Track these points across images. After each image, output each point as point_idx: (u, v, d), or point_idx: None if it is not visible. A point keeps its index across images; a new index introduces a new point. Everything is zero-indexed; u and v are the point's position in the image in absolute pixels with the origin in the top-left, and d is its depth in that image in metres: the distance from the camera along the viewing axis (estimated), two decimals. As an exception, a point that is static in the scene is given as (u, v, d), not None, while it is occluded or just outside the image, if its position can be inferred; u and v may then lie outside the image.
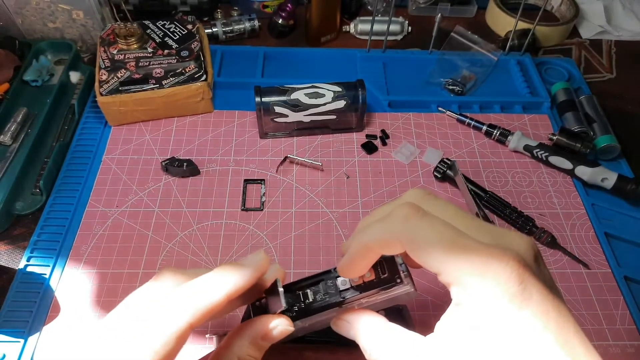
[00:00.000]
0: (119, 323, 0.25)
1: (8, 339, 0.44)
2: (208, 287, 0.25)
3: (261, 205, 0.55)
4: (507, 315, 0.21)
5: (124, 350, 0.24)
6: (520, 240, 0.24)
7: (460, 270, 0.22)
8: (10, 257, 0.50)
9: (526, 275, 0.22)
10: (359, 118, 0.60)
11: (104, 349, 0.24)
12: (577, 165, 0.56)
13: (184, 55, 0.60)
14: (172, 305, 0.25)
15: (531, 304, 0.21)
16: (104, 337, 0.25)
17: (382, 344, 0.26)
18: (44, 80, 0.66)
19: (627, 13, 0.84)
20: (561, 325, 0.21)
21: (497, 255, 0.22)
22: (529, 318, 0.21)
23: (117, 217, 0.53)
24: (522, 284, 0.21)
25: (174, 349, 0.24)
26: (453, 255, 0.23)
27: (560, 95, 0.66)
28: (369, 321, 0.28)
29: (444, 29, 0.74)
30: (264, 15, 0.78)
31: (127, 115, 0.60)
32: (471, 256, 0.22)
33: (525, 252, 0.23)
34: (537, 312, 0.21)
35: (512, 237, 0.24)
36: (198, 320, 0.24)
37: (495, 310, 0.21)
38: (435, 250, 0.23)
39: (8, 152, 0.58)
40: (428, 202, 0.26)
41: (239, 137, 0.61)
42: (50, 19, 0.68)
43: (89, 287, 0.47)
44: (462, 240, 0.23)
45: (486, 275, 0.22)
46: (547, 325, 0.21)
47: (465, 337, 0.22)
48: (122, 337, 0.24)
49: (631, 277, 0.50)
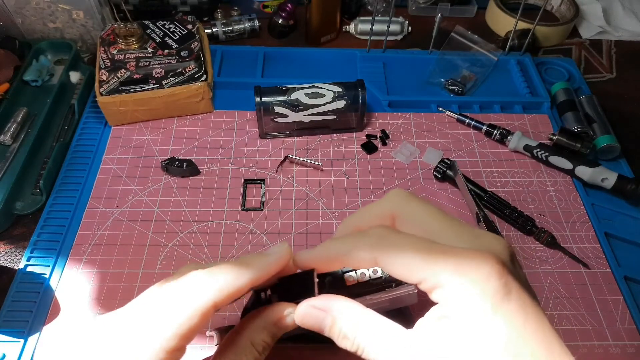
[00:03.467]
0: (147, 298, 0.27)
1: (8, 339, 0.44)
2: (234, 272, 0.26)
3: (261, 205, 0.55)
4: (491, 312, 0.21)
5: (149, 322, 0.25)
6: (496, 241, 0.25)
7: (441, 274, 0.23)
8: (10, 257, 0.50)
9: (505, 272, 0.22)
10: (359, 118, 0.60)
11: (129, 321, 0.26)
12: (577, 165, 0.56)
13: (184, 55, 0.60)
14: (199, 283, 0.26)
15: (511, 300, 0.22)
16: (131, 310, 0.26)
17: (368, 331, 0.25)
18: (44, 80, 0.66)
19: (627, 13, 0.84)
20: (538, 322, 0.22)
21: (476, 256, 0.23)
22: (511, 314, 0.21)
23: (117, 217, 0.53)
24: (502, 279, 0.22)
25: (197, 324, 0.25)
26: (431, 262, 0.23)
27: (560, 95, 0.66)
28: (348, 305, 0.26)
29: (444, 29, 0.74)
30: (264, 15, 0.78)
31: (127, 115, 0.60)
32: (449, 259, 0.23)
33: (502, 253, 0.24)
34: (517, 308, 0.22)
35: (489, 238, 0.25)
36: (222, 300, 0.25)
37: (479, 307, 0.22)
38: (413, 260, 0.24)
39: (8, 152, 0.58)
40: (408, 203, 0.27)
41: (239, 137, 0.61)
42: (50, 19, 0.68)
43: (89, 287, 0.47)
44: (438, 247, 0.24)
45: (467, 274, 0.22)
46: (526, 322, 0.21)
47: (449, 336, 0.22)
48: (148, 310, 0.26)
49: (631, 277, 0.50)
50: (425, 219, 0.26)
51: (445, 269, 0.22)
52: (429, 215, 0.27)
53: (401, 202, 0.28)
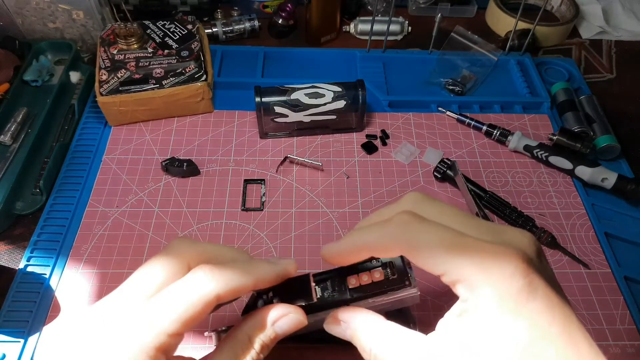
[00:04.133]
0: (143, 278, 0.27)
1: (8, 339, 0.44)
2: (240, 271, 0.27)
3: (261, 205, 0.55)
4: (514, 311, 0.21)
5: (149, 311, 0.25)
6: (522, 236, 0.24)
7: (465, 268, 0.22)
8: (10, 257, 0.50)
9: (530, 270, 0.22)
10: (359, 118, 0.60)
11: (128, 308, 0.26)
12: (577, 165, 0.56)
13: (184, 55, 0.60)
14: (207, 276, 0.26)
15: (537, 299, 0.21)
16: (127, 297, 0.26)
17: (383, 342, 0.26)
18: (44, 80, 0.66)
19: (627, 13, 0.84)
20: (565, 322, 0.21)
21: (500, 252, 0.22)
22: (536, 314, 0.21)
23: (117, 217, 0.53)
24: (527, 278, 0.21)
25: (199, 312, 0.25)
26: (455, 255, 0.23)
27: (560, 95, 0.66)
28: (367, 319, 0.27)
29: (444, 29, 0.74)
30: (264, 15, 0.78)
31: (127, 115, 0.60)
32: (474, 254, 0.22)
33: (528, 248, 0.23)
34: (542, 308, 0.21)
35: (514, 233, 0.24)
36: (224, 295, 0.26)
37: (502, 306, 0.21)
38: (437, 252, 0.23)
39: (8, 152, 0.58)
40: (426, 205, 0.27)
41: (239, 137, 0.61)
42: (50, 19, 0.68)
43: (89, 287, 0.47)
44: (463, 240, 0.23)
45: (491, 271, 0.22)
46: (553, 322, 0.21)
47: (469, 336, 0.22)
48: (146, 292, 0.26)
49: (631, 277, 0.50)
50: (446, 218, 0.26)
51: (470, 264, 0.22)
52: (449, 214, 0.26)
53: (419, 204, 0.27)
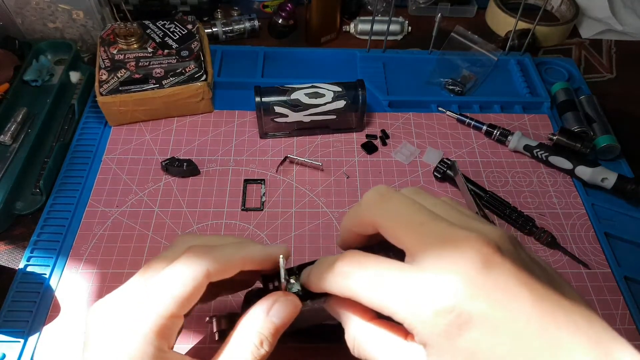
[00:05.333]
0: (145, 272, 0.28)
1: (8, 339, 0.44)
2: (229, 249, 0.29)
3: (261, 205, 0.55)
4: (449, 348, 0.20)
5: (147, 292, 0.27)
6: (466, 243, 0.23)
7: (399, 311, 0.22)
8: (10, 257, 0.50)
9: (494, 258, 0.21)
10: (359, 118, 0.60)
11: (127, 294, 0.28)
12: (577, 165, 0.56)
13: (184, 55, 0.60)
14: (196, 255, 0.27)
15: (471, 327, 0.20)
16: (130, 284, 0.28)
17: (366, 336, 0.26)
18: (44, 80, 0.65)
19: (628, 11, 0.84)
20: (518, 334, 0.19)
21: (465, 237, 0.22)
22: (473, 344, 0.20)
23: (117, 217, 0.53)
24: (453, 312, 0.20)
25: (191, 292, 0.26)
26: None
27: (560, 95, 0.66)
28: (357, 311, 0.27)
29: (444, 29, 0.74)
30: (264, 15, 0.78)
31: (127, 115, 0.60)
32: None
33: (499, 238, 0.22)
34: (480, 333, 0.20)
35: (458, 241, 0.23)
36: (215, 272, 0.27)
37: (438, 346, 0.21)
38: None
39: (8, 152, 0.58)
40: (384, 203, 0.26)
41: (239, 137, 0.61)
42: (50, 19, 0.68)
43: (89, 287, 0.47)
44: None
45: (417, 312, 0.21)
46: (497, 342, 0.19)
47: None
48: (145, 282, 0.27)
49: (631, 277, 0.50)
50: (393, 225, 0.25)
51: (400, 306, 0.22)
52: (434, 203, 0.25)
53: (377, 207, 0.26)
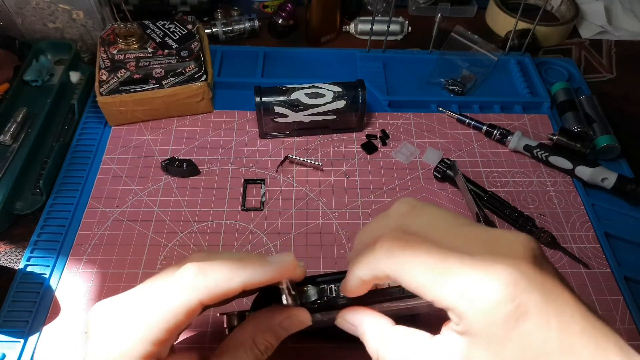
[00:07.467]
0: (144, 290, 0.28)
1: (8, 339, 0.44)
2: (227, 272, 0.27)
3: (261, 205, 0.55)
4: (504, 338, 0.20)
5: (140, 316, 0.26)
6: (516, 241, 0.23)
7: (449, 298, 0.22)
8: (10, 257, 0.50)
9: (519, 287, 0.20)
10: (359, 118, 0.60)
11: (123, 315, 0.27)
12: (577, 165, 0.56)
13: (184, 55, 0.60)
14: (189, 281, 0.26)
15: (528, 319, 0.20)
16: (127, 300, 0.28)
17: (388, 345, 0.26)
18: (44, 80, 0.65)
19: (627, 13, 0.84)
20: (564, 331, 0.20)
21: (487, 272, 0.21)
22: (527, 336, 0.20)
23: (117, 217, 0.53)
24: (515, 301, 0.20)
25: (182, 321, 0.26)
26: (440, 283, 0.22)
27: (560, 95, 0.66)
28: (374, 322, 0.28)
29: (444, 29, 0.74)
30: (264, 15, 0.78)
31: (127, 115, 0.60)
32: (459, 280, 0.22)
33: (524, 254, 0.22)
34: (535, 328, 0.20)
35: (507, 239, 0.23)
36: (209, 300, 0.26)
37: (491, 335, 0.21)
38: (424, 281, 0.23)
39: (8, 152, 0.58)
40: (415, 214, 0.26)
41: (239, 137, 0.61)
42: (50, 19, 0.68)
43: (89, 287, 0.47)
44: (447, 264, 0.22)
45: (476, 301, 0.21)
46: (548, 336, 0.20)
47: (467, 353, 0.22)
48: (140, 305, 0.27)
49: (631, 277, 0.50)
50: (435, 225, 0.25)
51: (454, 293, 0.22)
52: (438, 220, 0.25)
53: (407, 214, 0.26)
